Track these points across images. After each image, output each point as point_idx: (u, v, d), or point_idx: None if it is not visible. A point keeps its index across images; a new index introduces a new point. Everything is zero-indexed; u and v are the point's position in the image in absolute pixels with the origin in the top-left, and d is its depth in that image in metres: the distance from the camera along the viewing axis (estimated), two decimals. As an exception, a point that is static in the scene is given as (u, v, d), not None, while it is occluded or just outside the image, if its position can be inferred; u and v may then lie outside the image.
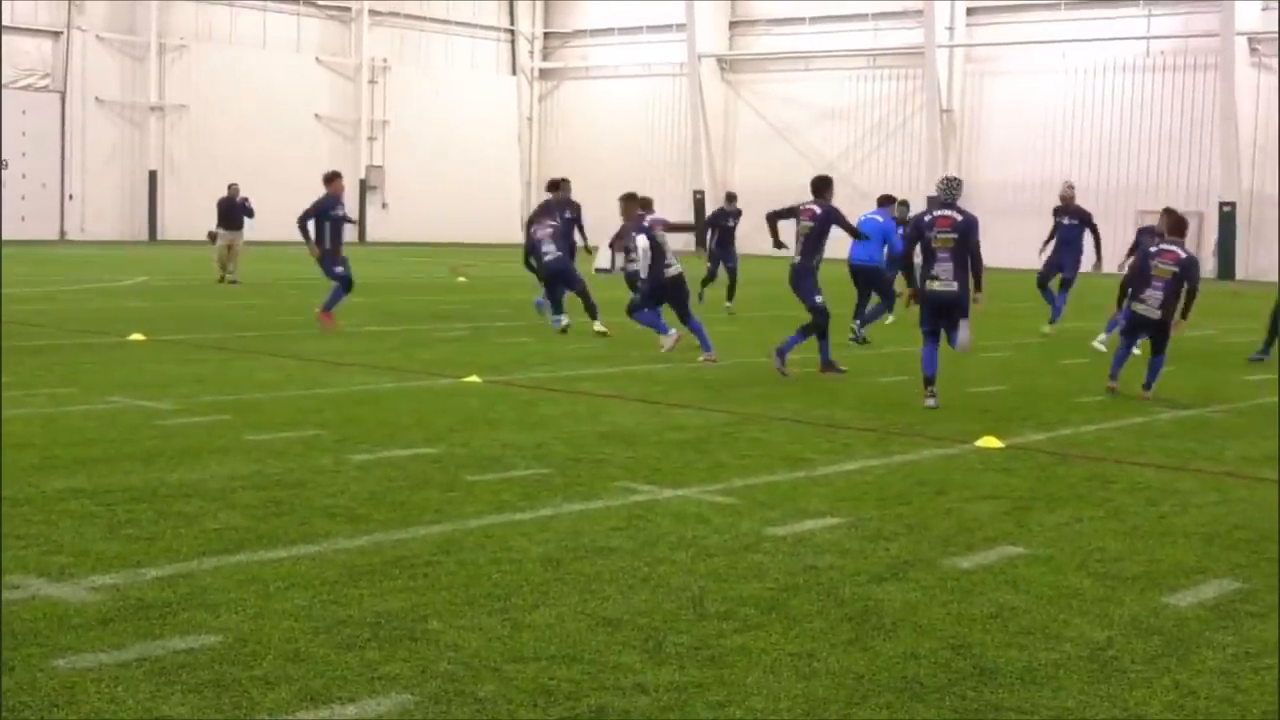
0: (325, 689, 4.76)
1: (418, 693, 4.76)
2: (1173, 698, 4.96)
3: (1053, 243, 20.51)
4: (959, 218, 12.27)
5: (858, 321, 18.31)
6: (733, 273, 23.22)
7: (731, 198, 24.28)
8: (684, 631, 5.53)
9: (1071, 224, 20.35)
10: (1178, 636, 5.68)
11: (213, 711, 4.53)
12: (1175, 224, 13.81)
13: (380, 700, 4.68)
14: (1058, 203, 20.85)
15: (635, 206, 16.56)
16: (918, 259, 12.60)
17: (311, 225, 18.01)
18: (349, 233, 20.78)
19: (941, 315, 12.40)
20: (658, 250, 15.69)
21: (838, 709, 4.75)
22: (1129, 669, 5.26)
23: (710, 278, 23.37)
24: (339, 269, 18.11)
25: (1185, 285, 13.27)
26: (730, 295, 22.95)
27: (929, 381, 12.31)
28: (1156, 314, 13.31)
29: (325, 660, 5.05)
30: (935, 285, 12.33)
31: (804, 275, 14.35)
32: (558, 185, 20.46)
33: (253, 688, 4.74)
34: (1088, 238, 20.21)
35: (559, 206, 19.94)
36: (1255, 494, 8.80)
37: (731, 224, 23.66)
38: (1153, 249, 13.67)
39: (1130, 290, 13.54)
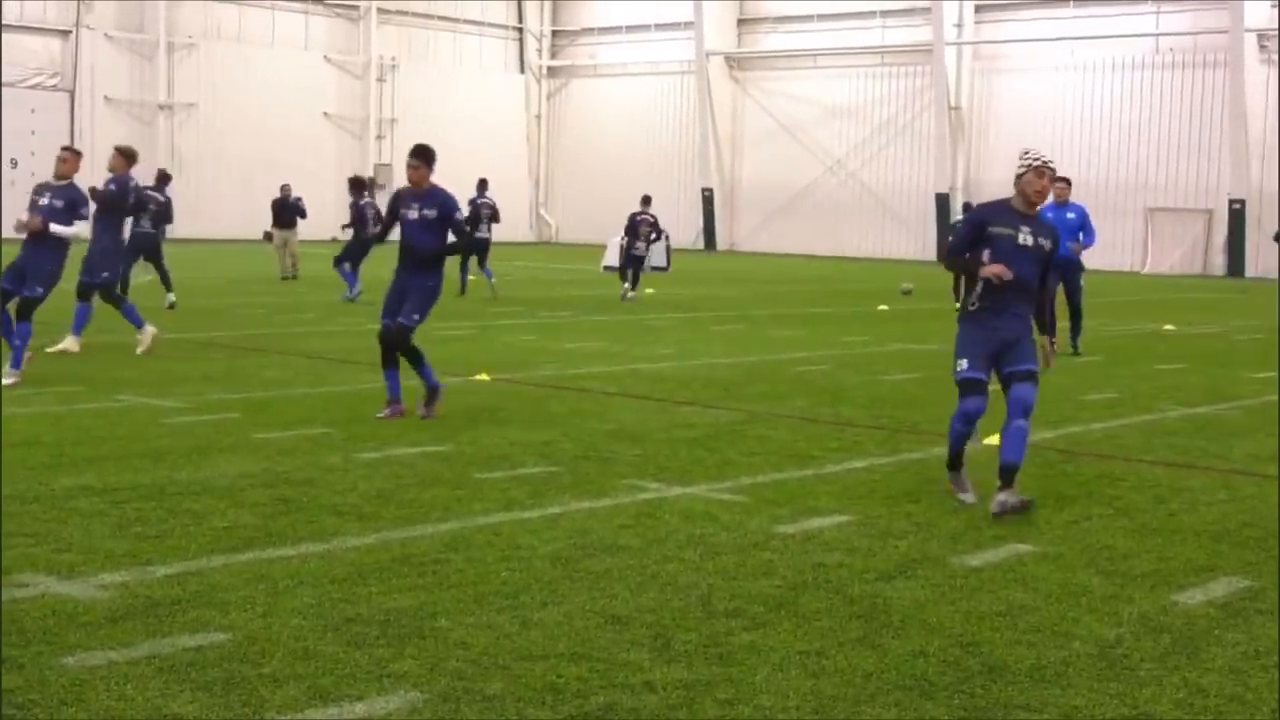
0: (334, 686, 4.76)
1: (427, 690, 4.76)
2: (1182, 696, 4.95)
3: None
4: None
5: None
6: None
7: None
8: (692, 629, 5.53)
9: None
10: (1187, 634, 5.67)
11: (222, 709, 4.53)
12: None
13: (389, 698, 4.68)
14: None
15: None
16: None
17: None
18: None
19: None
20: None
21: (846, 707, 4.75)
22: (1138, 667, 5.24)
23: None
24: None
25: None
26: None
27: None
28: None
29: (334, 658, 5.05)
30: None
31: None
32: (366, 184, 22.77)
33: (261, 685, 4.75)
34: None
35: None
36: (1264, 492, 8.77)
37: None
38: None
39: None
